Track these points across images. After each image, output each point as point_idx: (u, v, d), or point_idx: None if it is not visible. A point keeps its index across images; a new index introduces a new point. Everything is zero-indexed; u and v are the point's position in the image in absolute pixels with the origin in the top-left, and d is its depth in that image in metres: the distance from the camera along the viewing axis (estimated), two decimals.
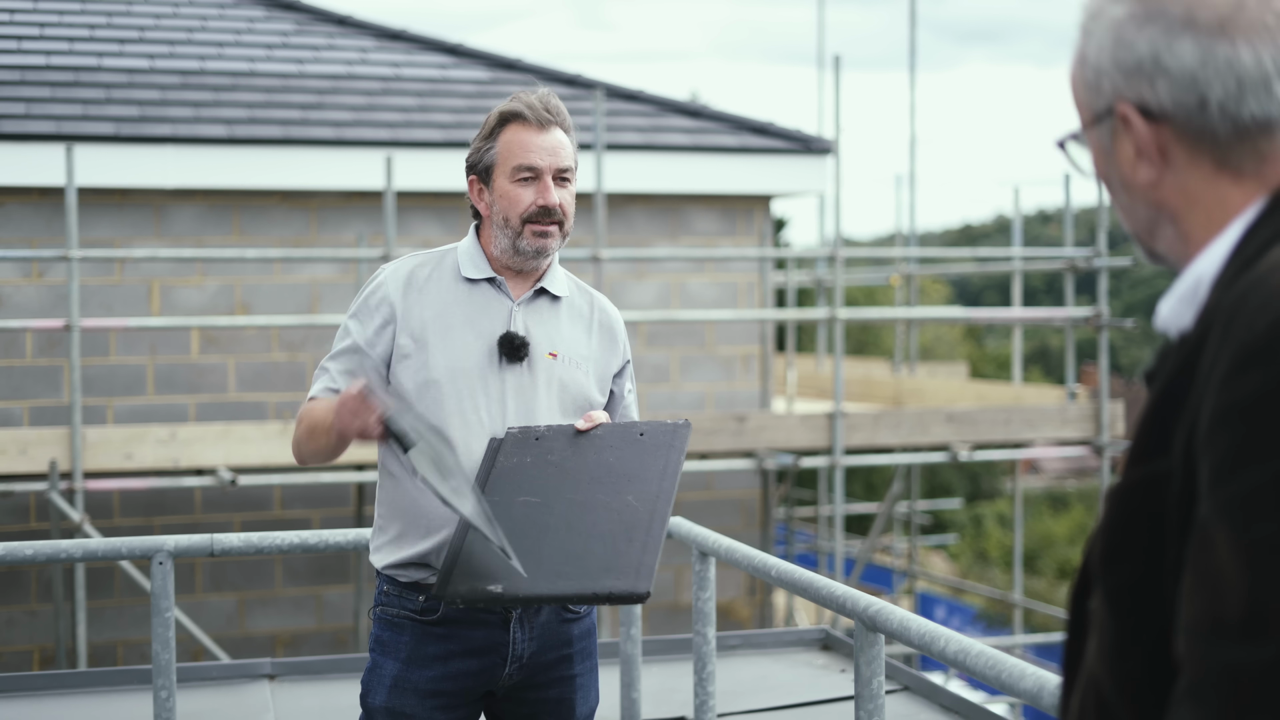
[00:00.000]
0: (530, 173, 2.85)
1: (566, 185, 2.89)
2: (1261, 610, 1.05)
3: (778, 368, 14.25)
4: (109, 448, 8.22)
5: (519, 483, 2.74)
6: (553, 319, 2.94)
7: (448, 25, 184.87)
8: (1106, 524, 1.22)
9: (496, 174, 2.87)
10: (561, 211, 2.87)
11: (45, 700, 4.37)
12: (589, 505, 2.71)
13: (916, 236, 13.69)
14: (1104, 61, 1.28)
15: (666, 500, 2.70)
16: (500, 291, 2.90)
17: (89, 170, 8.53)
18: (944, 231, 57.72)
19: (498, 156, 2.87)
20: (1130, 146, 1.28)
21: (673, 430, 2.82)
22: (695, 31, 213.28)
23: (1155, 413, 1.20)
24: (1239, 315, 1.13)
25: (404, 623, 2.87)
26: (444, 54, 11.09)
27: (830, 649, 4.91)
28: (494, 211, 2.88)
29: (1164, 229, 1.29)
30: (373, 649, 2.93)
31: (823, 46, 13.71)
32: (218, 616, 9.24)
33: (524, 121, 2.87)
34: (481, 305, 2.89)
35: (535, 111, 2.87)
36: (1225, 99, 1.23)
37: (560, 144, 2.89)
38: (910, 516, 13.67)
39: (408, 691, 2.84)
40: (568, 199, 2.89)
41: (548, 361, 2.89)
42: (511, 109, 2.88)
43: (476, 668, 2.85)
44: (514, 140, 2.86)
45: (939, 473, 26.02)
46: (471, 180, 2.93)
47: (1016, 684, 2.38)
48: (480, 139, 2.92)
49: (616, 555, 2.62)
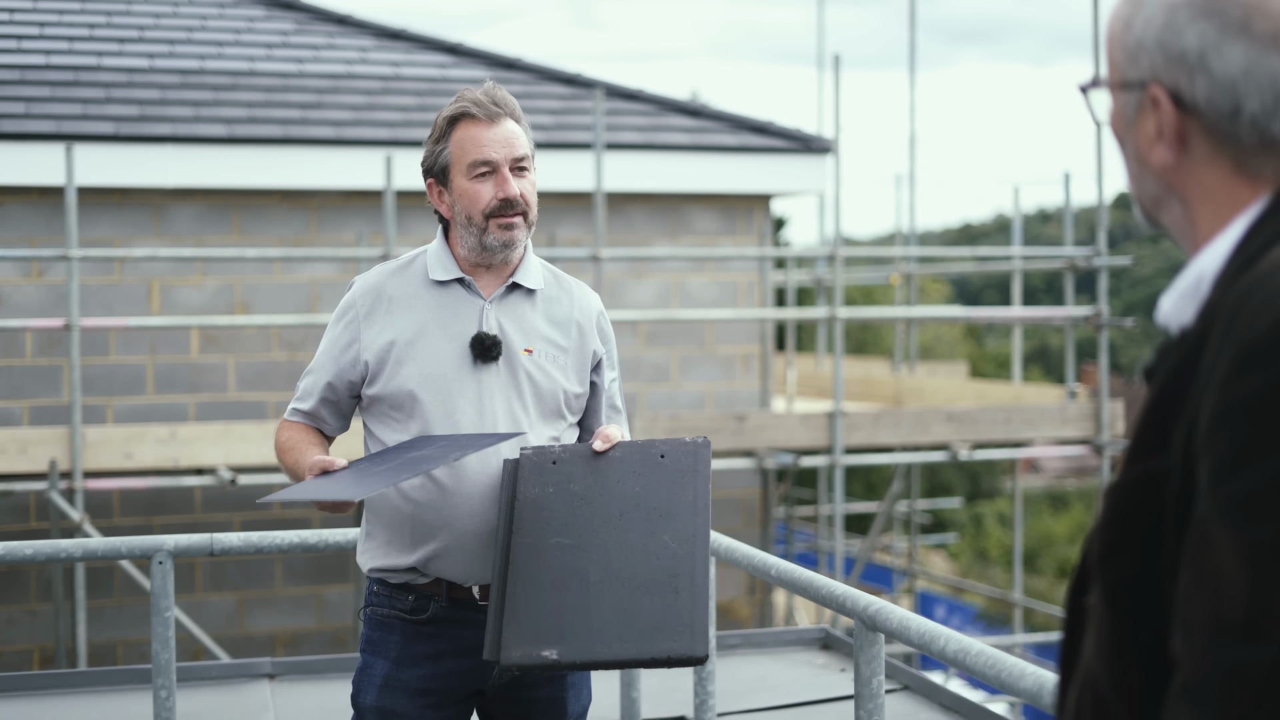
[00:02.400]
0: (486, 167, 2.81)
1: (525, 174, 2.85)
2: (1262, 612, 1.05)
3: (778, 367, 14.24)
4: (109, 447, 8.22)
5: (547, 520, 2.71)
6: (528, 313, 2.90)
7: (441, 25, 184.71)
8: (1105, 521, 1.22)
9: (453, 174, 2.85)
10: (524, 201, 2.84)
11: (45, 700, 4.37)
12: (626, 549, 2.67)
13: (916, 236, 13.69)
14: (1148, 38, 1.25)
15: (704, 540, 2.67)
16: (470, 291, 2.88)
17: (89, 170, 8.53)
18: (944, 231, 57.71)
19: (451, 156, 2.84)
20: (1153, 125, 1.26)
21: (694, 451, 2.77)
22: (689, 32, 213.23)
23: (1154, 410, 1.19)
24: (1241, 314, 1.12)
25: (394, 623, 2.87)
26: (444, 53, 11.09)
27: (830, 648, 4.91)
28: (456, 212, 2.86)
29: (1172, 207, 1.28)
30: (363, 649, 2.93)
31: (822, 46, 13.71)
32: (218, 616, 9.24)
33: (473, 118, 2.83)
34: (453, 307, 2.87)
35: (483, 106, 2.83)
36: (1260, 112, 1.21)
37: (513, 134, 2.84)
38: (910, 516, 13.67)
39: (398, 691, 2.84)
40: (528, 188, 2.85)
41: (524, 358, 2.86)
42: (458, 109, 2.85)
43: (466, 667, 2.85)
44: (465, 137, 2.83)
45: (939, 472, 26.02)
46: (430, 184, 2.90)
47: (1016, 683, 2.38)
48: (432, 142, 2.89)
49: (667, 612, 2.59)
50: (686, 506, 2.70)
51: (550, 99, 10.45)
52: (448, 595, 2.84)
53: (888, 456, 11.37)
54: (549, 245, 9.65)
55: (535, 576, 2.67)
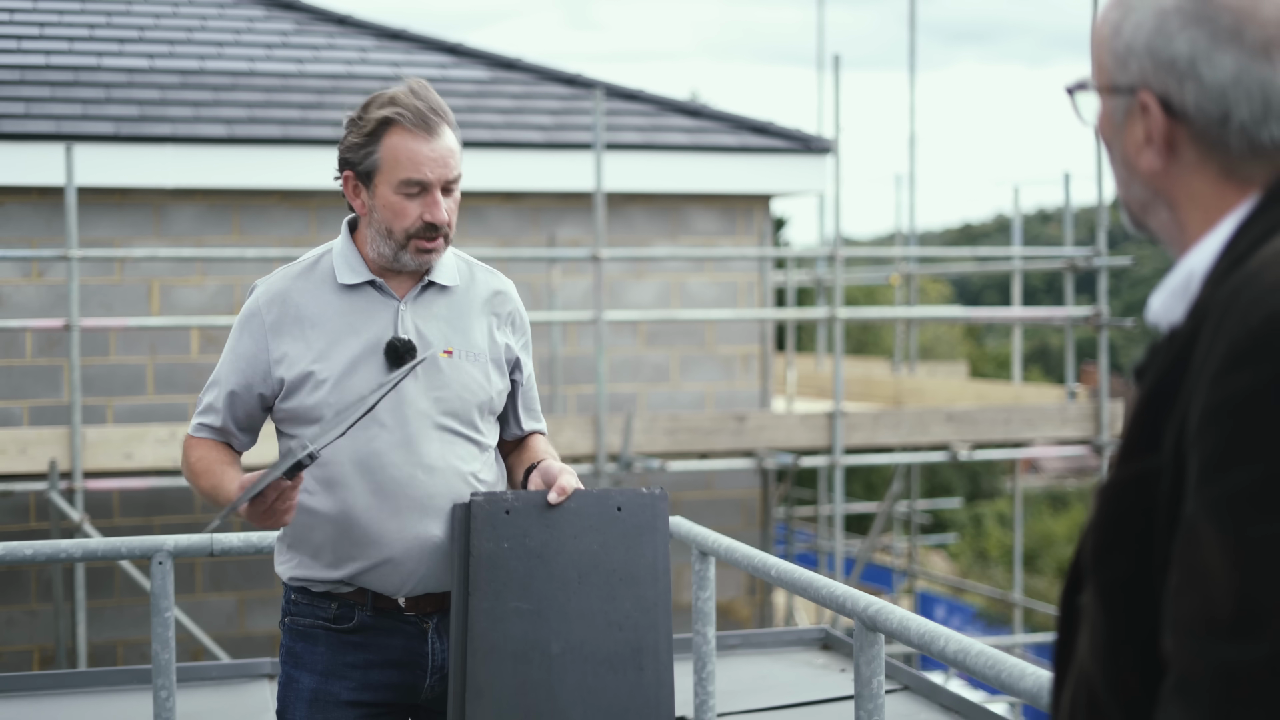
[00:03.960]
0: (418, 187, 2.65)
1: (453, 193, 2.70)
2: (1252, 609, 1.05)
3: (777, 367, 14.24)
4: (109, 447, 8.22)
5: (504, 580, 2.62)
6: (444, 311, 2.76)
7: (436, 25, 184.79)
8: (1097, 521, 1.22)
9: (379, 180, 2.68)
10: (448, 225, 2.69)
11: (45, 700, 4.37)
12: (587, 617, 2.62)
13: (916, 236, 13.69)
14: (1138, 43, 1.25)
15: (666, 608, 2.65)
16: (383, 294, 2.73)
17: (89, 170, 8.53)
18: (944, 231, 57.70)
19: (381, 163, 2.67)
20: (1141, 131, 1.26)
21: (651, 504, 2.70)
22: (685, 32, 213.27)
23: (1146, 409, 1.19)
24: (1231, 311, 1.12)
25: (317, 633, 2.77)
26: (444, 53, 11.09)
27: (830, 648, 4.90)
28: (374, 218, 2.70)
29: (1159, 212, 1.29)
30: (284, 661, 2.81)
31: (822, 46, 13.72)
32: (218, 616, 9.24)
33: (409, 129, 2.65)
34: (365, 311, 2.72)
35: (421, 118, 2.65)
36: (1248, 120, 1.21)
37: (449, 151, 2.67)
38: (910, 516, 13.67)
39: (329, 705, 2.73)
40: (453, 207, 2.71)
41: (443, 361, 2.72)
42: (395, 115, 2.66)
43: (397, 679, 2.76)
44: (400, 148, 2.65)
45: (939, 472, 26.02)
46: (347, 176, 2.73)
47: (1016, 683, 2.38)
48: (359, 135, 2.70)
49: (633, 692, 2.60)
50: (647, 569, 2.66)
51: (550, 99, 10.44)
52: (373, 605, 2.74)
53: (888, 457, 11.37)
54: (549, 245, 9.66)
55: (496, 647, 2.60)
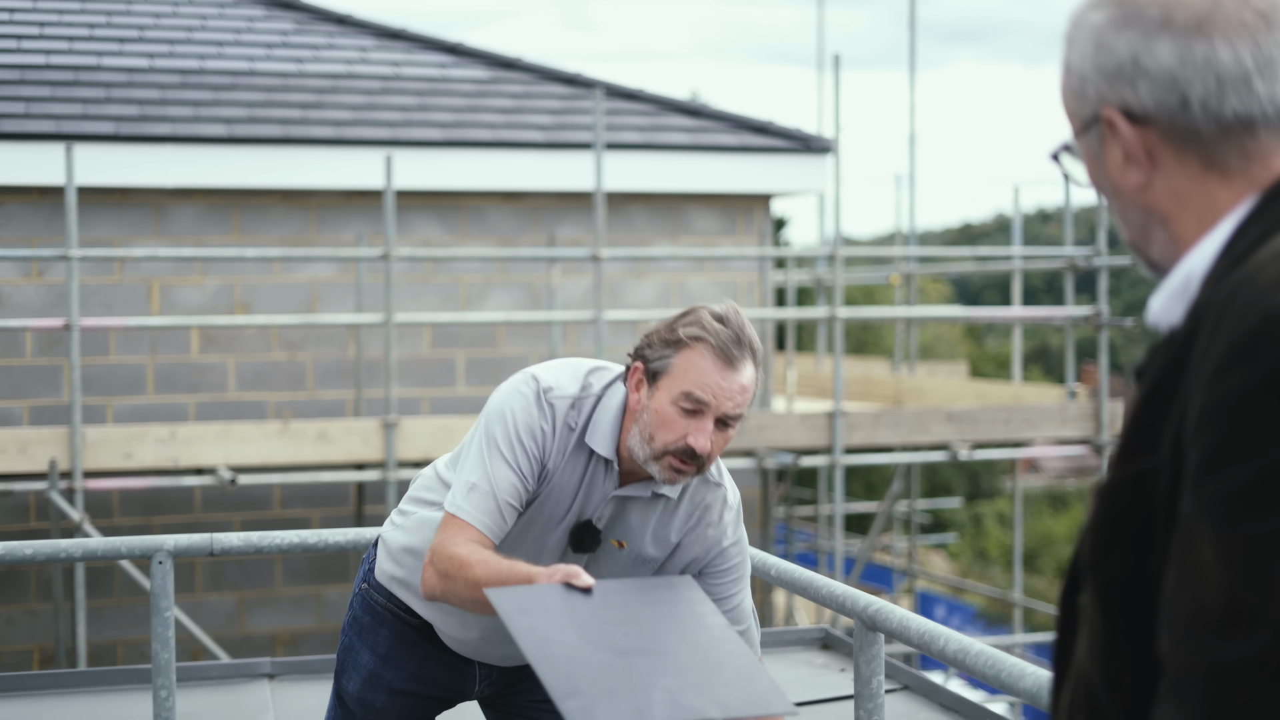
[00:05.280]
0: (697, 406, 2.56)
1: (728, 430, 2.61)
2: (1244, 607, 1.05)
3: (778, 367, 14.24)
4: (109, 447, 8.22)
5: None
6: (644, 511, 2.72)
7: (433, 24, 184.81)
8: (1096, 521, 1.23)
9: (662, 385, 2.58)
10: (707, 458, 2.60)
11: (45, 700, 4.36)
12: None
13: (916, 236, 13.69)
14: (1087, 68, 1.29)
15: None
16: (609, 475, 2.68)
17: (89, 169, 8.53)
18: (944, 231, 57.70)
19: (672, 368, 2.58)
20: (1118, 151, 1.28)
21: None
22: (682, 32, 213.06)
23: (1144, 409, 1.20)
24: (1228, 312, 1.13)
25: (387, 616, 2.87)
26: (444, 53, 11.09)
27: (830, 648, 4.90)
28: (643, 418, 2.61)
29: (1155, 233, 1.30)
30: (349, 627, 2.90)
31: (821, 46, 13.72)
32: (218, 616, 9.24)
33: (713, 352, 2.56)
34: (589, 480, 2.68)
35: (726, 350, 2.56)
36: (1206, 97, 1.23)
37: (741, 388, 2.58)
38: (910, 515, 13.67)
39: (380, 687, 2.88)
40: (721, 443, 2.62)
41: (611, 550, 2.72)
42: (704, 335, 2.57)
43: (448, 678, 2.89)
44: (695, 364, 2.56)
45: (939, 472, 26.02)
46: (637, 366, 2.64)
47: (1016, 683, 2.38)
48: (666, 332, 2.62)
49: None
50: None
51: (550, 99, 10.44)
52: None
53: (888, 456, 11.38)
54: (549, 245, 9.66)
55: None
